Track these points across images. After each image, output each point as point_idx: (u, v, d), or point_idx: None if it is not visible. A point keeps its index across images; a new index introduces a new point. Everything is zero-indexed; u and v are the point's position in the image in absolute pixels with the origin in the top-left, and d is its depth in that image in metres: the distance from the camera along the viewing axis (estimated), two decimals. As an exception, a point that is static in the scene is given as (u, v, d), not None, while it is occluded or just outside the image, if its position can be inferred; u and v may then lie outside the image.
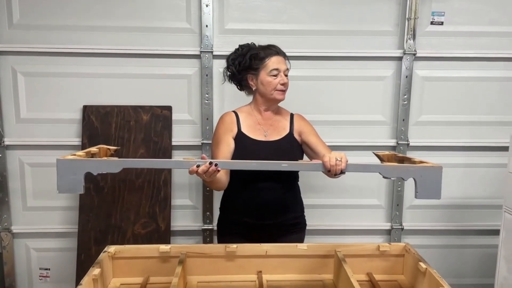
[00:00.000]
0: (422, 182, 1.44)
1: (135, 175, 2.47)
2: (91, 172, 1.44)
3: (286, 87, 1.93)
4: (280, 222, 1.95)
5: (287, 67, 1.94)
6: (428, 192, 1.45)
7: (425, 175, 1.44)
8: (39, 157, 2.54)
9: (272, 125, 1.97)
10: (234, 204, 1.97)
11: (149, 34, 2.47)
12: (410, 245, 1.71)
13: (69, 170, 1.42)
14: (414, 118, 2.62)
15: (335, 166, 1.53)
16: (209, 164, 1.51)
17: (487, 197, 2.70)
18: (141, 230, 2.46)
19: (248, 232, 1.94)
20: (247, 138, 1.92)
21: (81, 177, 1.42)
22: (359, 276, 1.63)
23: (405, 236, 2.70)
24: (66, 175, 1.41)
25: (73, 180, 1.41)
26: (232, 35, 2.49)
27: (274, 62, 1.90)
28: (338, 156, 1.54)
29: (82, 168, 1.43)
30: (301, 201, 2.06)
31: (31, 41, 2.44)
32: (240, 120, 1.95)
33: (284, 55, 1.96)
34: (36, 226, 2.61)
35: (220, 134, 1.93)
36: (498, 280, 2.24)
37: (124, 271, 1.69)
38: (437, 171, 1.45)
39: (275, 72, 1.89)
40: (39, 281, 2.67)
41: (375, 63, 2.56)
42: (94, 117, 2.48)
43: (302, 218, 2.07)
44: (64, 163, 1.42)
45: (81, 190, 1.43)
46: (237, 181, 1.91)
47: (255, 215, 1.92)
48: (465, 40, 2.55)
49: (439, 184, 1.45)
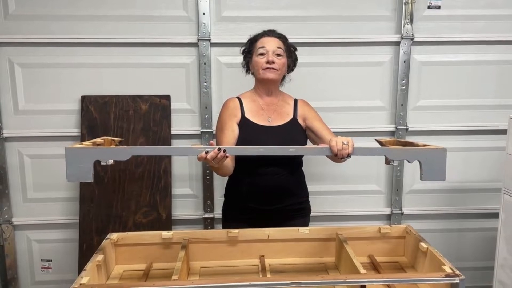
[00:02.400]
0: (427, 164, 1.45)
1: (135, 164, 2.47)
2: (100, 160, 1.43)
3: (275, 66, 1.89)
4: (284, 207, 1.95)
5: (278, 46, 1.91)
6: (433, 174, 1.47)
7: (430, 157, 1.46)
8: (38, 149, 2.54)
9: (275, 110, 1.97)
10: (238, 190, 1.97)
11: (146, 23, 2.46)
12: (411, 227, 1.73)
13: (78, 158, 1.42)
14: (412, 103, 2.62)
15: (342, 150, 1.53)
16: (217, 150, 1.51)
17: (486, 181, 2.71)
18: (142, 219, 2.47)
19: (252, 217, 1.94)
20: (251, 123, 1.92)
21: (90, 165, 1.42)
22: (361, 258, 1.64)
23: (405, 220, 2.71)
24: (75, 163, 1.41)
25: (82, 169, 1.41)
26: (230, 22, 2.48)
27: (262, 42, 1.92)
28: (345, 140, 1.54)
29: (91, 157, 1.43)
30: (305, 187, 2.07)
31: (27, 31, 2.43)
32: (243, 105, 1.95)
33: (278, 36, 1.94)
34: (37, 217, 2.61)
35: (224, 120, 1.93)
36: (498, 262, 2.26)
37: (127, 258, 1.70)
38: (442, 153, 1.47)
39: (261, 50, 1.90)
40: (41, 273, 2.68)
41: (373, 49, 2.56)
42: (92, 107, 2.47)
43: (307, 203, 2.07)
44: (73, 152, 1.42)
45: (90, 178, 1.42)
46: (241, 167, 1.91)
47: (259, 200, 1.92)
48: (462, 23, 2.55)
49: (443, 166, 1.47)
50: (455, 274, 1.31)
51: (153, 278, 1.60)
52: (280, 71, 1.92)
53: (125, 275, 1.63)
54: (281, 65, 1.92)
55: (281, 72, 1.94)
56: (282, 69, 1.93)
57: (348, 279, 1.31)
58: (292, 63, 2.01)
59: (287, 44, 1.97)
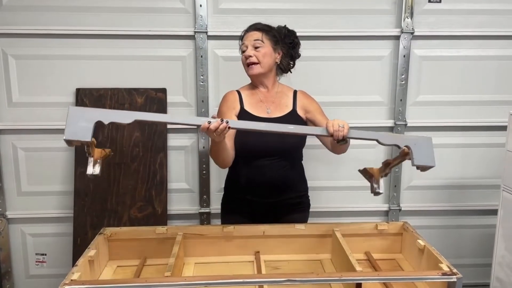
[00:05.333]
0: (417, 150, 1.54)
1: (131, 158, 2.44)
2: (102, 121, 1.40)
3: (254, 60, 1.85)
4: (283, 200, 1.94)
5: (256, 38, 1.86)
6: (423, 158, 1.54)
7: (418, 143, 1.56)
8: (32, 142, 2.51)
9: (274, 102, 1.95)
10: (237, 182, 1.96)
11: (142, 14, 2.42)
12: (408, 224, 1.71)
13: (80, 117, 1.38)
14: (412, 98, 2.59)
15: (338, 132, 1.58)
16: (220, 121, 1.51)
17: (485, 177, 2.69)
18: (137, 214, 2.44)
19: (251, 210, 1.93)
20: (250, 115, 1.90)
21: (91, 125, 1.37)
22: (357, 255, 1.62)
23: (403, 217, 2.69)
24: (76, 122, 1.37)
25: (83, 128, 1.36)
26: (227, 15, 2.45)
27: (244, 39, 1.91)
28: (341, 123, 1.59)
29: (93, 117, 1.39)
30: (304, 181, 2.05)
31: (21, 22, 2.39)
32: (242, 98, 1.95)
33: (257, 28, 1.90)
34: (31, 211, 2.58)
35: (223, 112, 1.93)
36: (496, 259, 2.24)
37: (120, 254, 1.67)
38: (428, 141, 1.58)
39: (243, 48, 1.90)
40: (36, 267, 2.66)
41: (372, 43, 2.52)
42: (87, 100, 2.44)
43: (306, 197, 2.06)
44: (76, 110, 1.40)
45: (88, 138, 1.36)
46: (240, 159, 1.90)
47: (258, 192, 1.91)
48: (463, 18, 2.52)
49: (431, 152, 1.56)
50: (452, 273, 1.29)
51: (146, 274, 1.57)
52: (263, 63, 1.87)
53: (118, 271, 1.61)
54: (261, 56, 1.86)
55: (265, 63, 1.88)
56: (264, 60, 1.87)
57: (344, 277, 1.29)
58: (285, 48, 1.95)
59: (272, 33, 1.91)
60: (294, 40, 1.98)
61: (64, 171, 2.55)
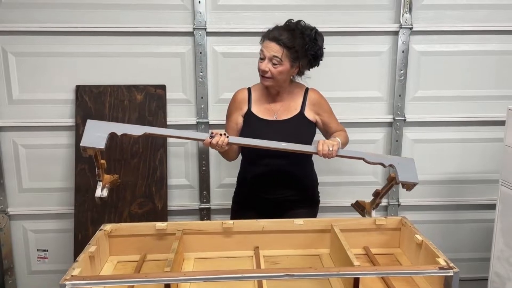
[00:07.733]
0: (401, 168, 1.73)
1: (131, 155, 2.45)
2: (116, 132, 1.63)
3: (269, 75, 1.84)
4: (287, 196, 1.99)
5: (275, 54, 1.80)
6: (407, 176, 1.73)
7: (401, 163, 1.75)
8: (33, 139, 2.52)
9: (283, 104, 1.97)
10: (247, 179, 2.03)
11: (140, 11, 2.42)
12: (406, 219, 1.72)
13: (97, 129, 1.60)
14: (410, 94, 2.60)
15: (327, 154, 1.77)
16: (220, 135, 1.73)
17: (483, 172, 2.70)
18: (137, 209, 2.46)
19: (260, 206, 2.00)
20: (255, 117, 1.95)
21: (106, 135, 1.59)
22: (355, 250, 1.64)
23: (402, 212, 2.71)
24: (92, 132, 1.59)
25: (97, 137, 1.58)
26: (226, 11, 2.45)
27: (264, 44, 1.85)
28: (331, 146, 1.76)
29: (108, 129, 1.62)
30: (312, 177, 2.09)
31: (21, 20, 2.39)
32: (252, 98, 1.98)
33: (278, 40, 1.80)
34: (32, 207, 2.60)
35: (230, 111, 2.02)
36: (494, 254, 2.25)
37: (121, 249, 1.68)
38: (411, 161, 1.78)
39: (261, 54, 1.85)
40: (38, 263, 2.68)
41: (371, 38, 2.52)
42: (87, 97, 2.45)
43: (313, 193, 2.10)
44: (93, 123, 1.63)
45: (102, 145, 1.58)
46: (248, 157, 2.01)
47: (266, 189, 1.98)
48: (462, 13, 2.51)
49: (414, 171, 1.75)
50: (449, 267, 1.30)
51: (147, 269, 1.59)
52: (276, 79, 1.86)
53: (118, 266, 1.63)
54: (277, 73, 1.83)
55: (280, 79, 1.87)
56: (279, 77, 1.85)
57: (342, 272, 1.30)
58: (306, 60, 1.88)
59: (293, 50, 1.81)
60: (317, 52, 1.89)
61: (64, 167, 2.56)
